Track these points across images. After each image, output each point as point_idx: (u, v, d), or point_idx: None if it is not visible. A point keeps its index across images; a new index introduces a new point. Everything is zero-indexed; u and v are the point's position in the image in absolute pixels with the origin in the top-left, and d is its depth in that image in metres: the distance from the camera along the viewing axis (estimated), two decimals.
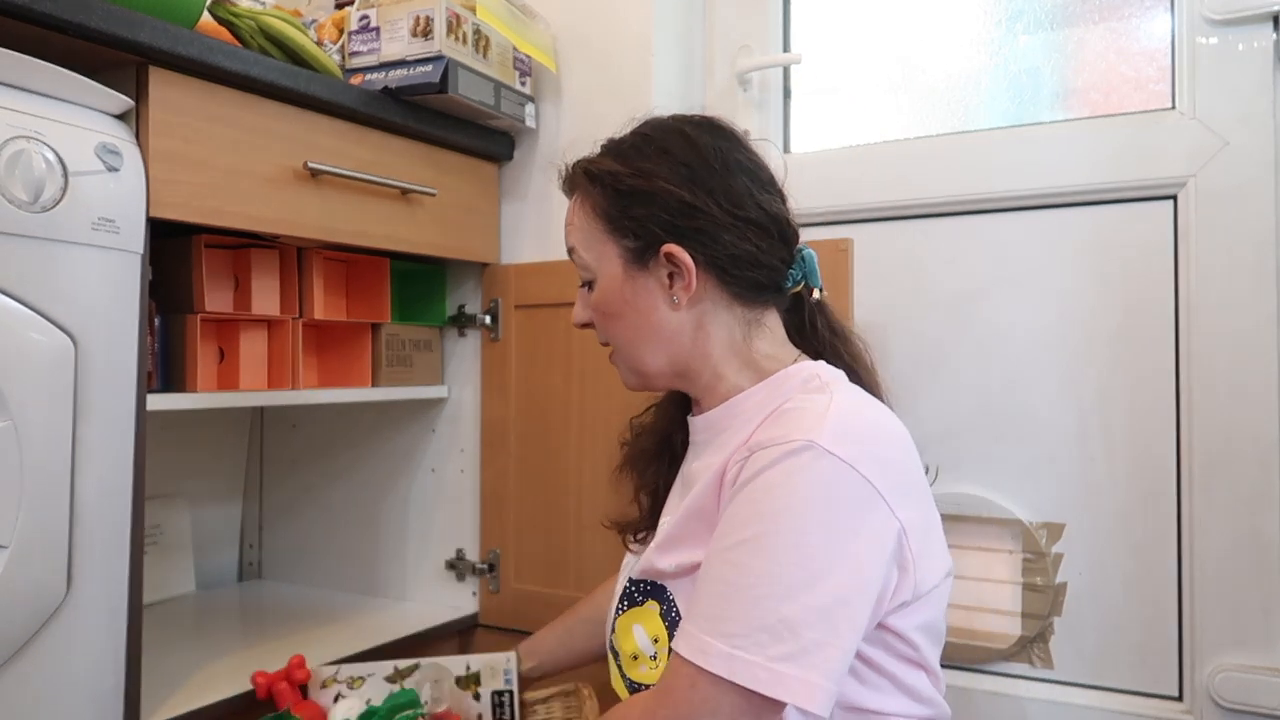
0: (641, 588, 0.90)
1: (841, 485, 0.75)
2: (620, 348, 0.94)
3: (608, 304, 0.92)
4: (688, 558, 0.84)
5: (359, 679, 1.10)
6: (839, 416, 0.79)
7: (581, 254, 0.93)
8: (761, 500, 0.76)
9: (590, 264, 0.92)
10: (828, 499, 0.75)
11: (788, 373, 0.89)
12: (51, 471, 0.89)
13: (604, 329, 0.94)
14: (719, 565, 0.77)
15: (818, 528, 0.74)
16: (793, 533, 0.74)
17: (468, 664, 1.11)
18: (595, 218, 0.91)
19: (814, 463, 0.75)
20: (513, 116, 1.40)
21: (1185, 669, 1.18)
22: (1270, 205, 1.14)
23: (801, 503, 0.75)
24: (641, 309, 0.90)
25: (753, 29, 1.51)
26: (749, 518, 0.76)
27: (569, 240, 0.94)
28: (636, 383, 0.96)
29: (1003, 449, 1.29)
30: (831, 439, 0.76)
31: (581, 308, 0.96)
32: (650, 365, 0.92)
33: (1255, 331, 1.15)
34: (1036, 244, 1.28)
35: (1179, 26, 1.21)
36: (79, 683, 0.93)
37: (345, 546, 1.65)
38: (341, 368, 1.41)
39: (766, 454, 0.77)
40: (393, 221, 1.31)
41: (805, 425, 0.78)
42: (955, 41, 1.40)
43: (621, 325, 0.92)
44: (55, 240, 0.88)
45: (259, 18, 1.16)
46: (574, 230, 0.93)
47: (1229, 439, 1.16)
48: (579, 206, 0.93)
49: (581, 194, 0.93)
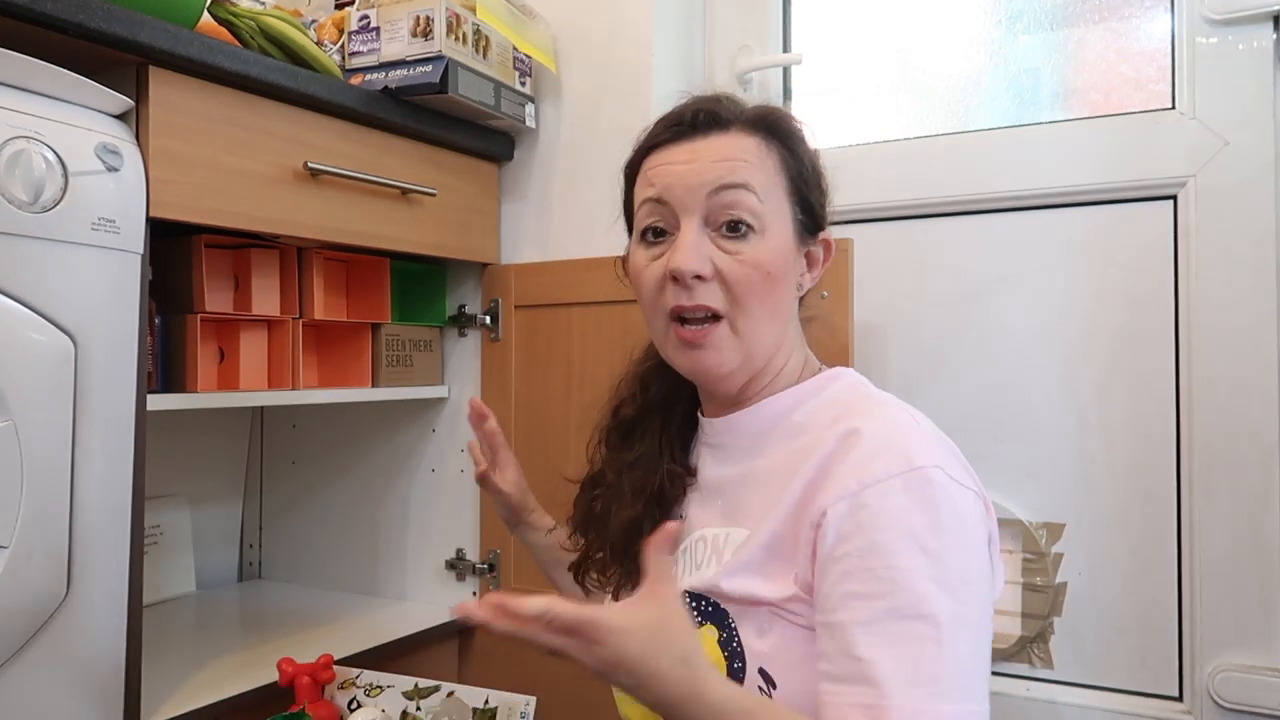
0: (701, 605, 0.81)
1: (968, 504, 0.72)
2: (754, 315, 0.81)
3: (774, 263, 0.81)
4: (755, 590, 0.77)
5: (378, 688, 1.10)
6: (930, 432, 0.76)
7: (758, 196, 0.81)
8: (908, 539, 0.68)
9: (764, 212, 0.81)
10: (963, 522, 0.71)
11: (832, 375, 0.86)
12: (51, 471, 0.89)
13: (748, 290, 0.80)
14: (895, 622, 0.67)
15: (969, 553, 0.70)
16: (958, 564, 0.69)
17: (486, 698, 1.09)
18: (781, 173, 0.83)
19: (945, 488, 0.71)
20: (513, 116, 1.40)
21: (1185, 669, 1.18)
22: (1270, 205, 1.14)
23: (954, 533, 0.69)
24: (791, 284, 0.84)
25: (753, 29, 1.51)
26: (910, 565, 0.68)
27: (739, 175, 0.80)
28: (734, 368, 0.82)
29: (1003, 449, 1.29)
30: (942, 458, 0.73)
31: (703, 256, 0.80)
32: (767, 347, 0.83)
33: (1255, 331, 1.15)
34: (1036, 244, 1.28)
35: (1179, 26, 1.21)
36: (79, 683, 0.93)
37: (345, 546, 1.65)
38: (341, 368, 1.41)
39: (886, 487, 0.70)
40: (393, 221, 1.31)
41: (908, 447, 0.73)
42: (955, 41, 1.40)
43: (772, 292, 0.81)
44: (55, 240, 0.88)
45: (259, 18, 1.16)
46: (749, 169, 0.81)
47: (1229, 439, 1.16)
48: (758, 149, 0.83)
49: (762, 139, 0.83)
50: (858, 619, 0.68)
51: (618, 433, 0.97)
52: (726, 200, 0.80)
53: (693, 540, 0.87)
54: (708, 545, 0.85)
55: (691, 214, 0.81)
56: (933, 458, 0.72)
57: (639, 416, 0.96)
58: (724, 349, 0.81)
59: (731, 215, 0.80)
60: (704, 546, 0.85)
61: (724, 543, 0.83)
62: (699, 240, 0.80)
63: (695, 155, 0.82)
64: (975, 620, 0.69)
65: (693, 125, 0.84)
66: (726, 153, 0.82)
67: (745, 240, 0.80)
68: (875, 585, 0.68)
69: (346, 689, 1.10)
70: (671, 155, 0.84)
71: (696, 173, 0.81)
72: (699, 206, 0.81)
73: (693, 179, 0.81)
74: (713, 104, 0.85)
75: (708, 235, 0.81)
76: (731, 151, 0.82)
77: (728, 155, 0.82)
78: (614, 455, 0.96)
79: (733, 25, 1.51)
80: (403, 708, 1.08)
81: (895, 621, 0.67)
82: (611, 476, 0.95)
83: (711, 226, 0.81)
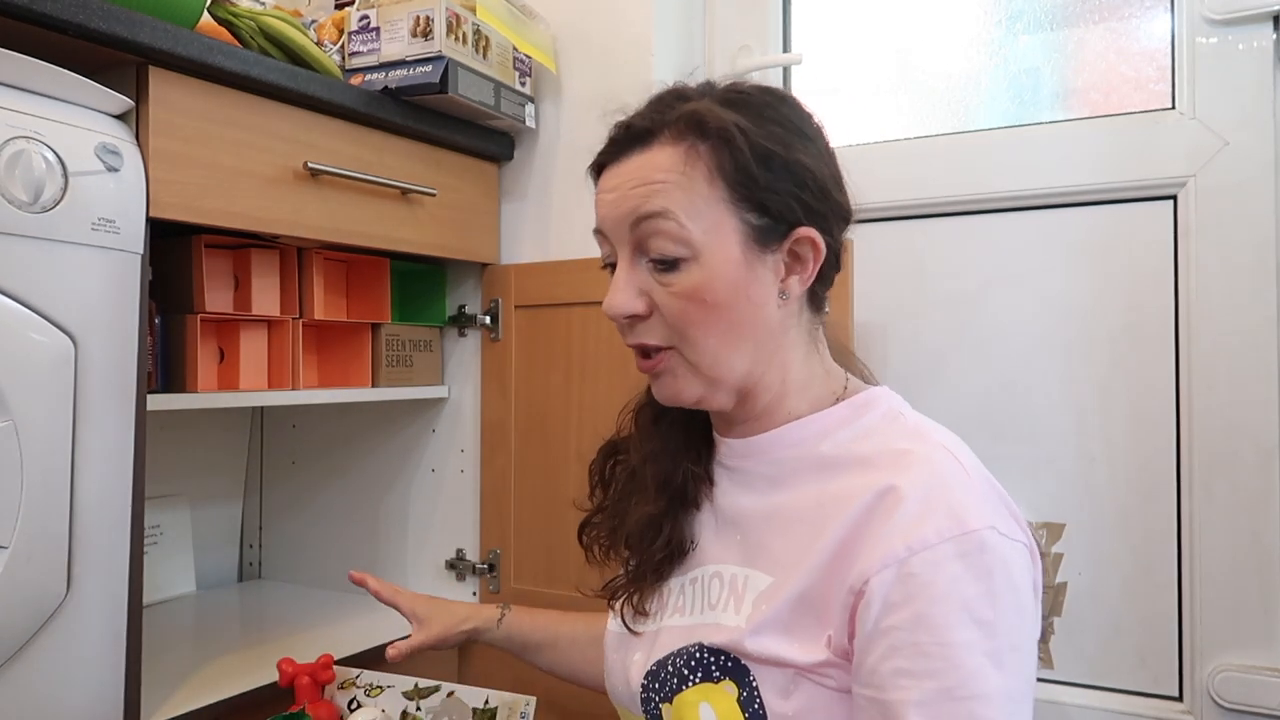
0: (720, 661, 0.76)
1: (1020, 563, 0.68)
2: (701, 348, 0.75)
3: (712, 290, 0.73)
4: (781, 652, 0.72)
5: (378, 688, 1.09)
6: (979, 480, 0.71)
7: (680, 222, 0.73)
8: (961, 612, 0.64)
9: (692, 237, 0.73)
10: (1016, 586, 0.67)
11: (864, 401, 0.79)
12: (51, 471, 0.89)
13: (688, 323, 0.75)
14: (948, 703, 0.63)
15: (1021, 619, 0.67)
16: (1011, 633, 0.65)
17: (486, 698, 1.09)
18: (713, 181, 0.73)
19: (998, 551, 0.66)
20: (513, 116, 1.40)
21: (1185, 669, 1.18)
22: (1270, 205, 1.14)
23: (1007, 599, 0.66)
24: (753, 300, 0.75)
25: (753, 29, 1.51)
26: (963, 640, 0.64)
27: (653, 202, 0.74)
28: (700, 395, 0.78)
29: (1003, 449, 1.29)
30: (994, 514, 0.68)
31: (633, 294, 0.75)
32: (732, 373, 0.76)
33: (1255, 331, 1.15)
34: (1036, 244, 1.28)
35: (1179, 26, 1.21)
36: (79, 683, 0.93)
37: (345, 546, 1.65)
38: (341, 368, 1.41)
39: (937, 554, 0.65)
40: (393, 221, 1.31)
41: (959, 506, 0.67)
42: (955, 41, 1.40)
43: (720, 319, 0.74)
44: (55, 240, 0.88)
45: (259, 18, 1.16)
46: (667, 190, 0.73)
47: (1229, 439, 1.16)
48: (682, 161, 0.74)
49: (690, 145, 0.74)
50: (909, 699, 0.64)
51: (650, 411, 0.91)
52: (647, 231, 0.74)
53: (705, 574, 0.81)
54: (724, 585, 0.79)
55: (624, 246, 0.77)
56: (985, 517, 0.67)
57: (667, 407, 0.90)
58: (679, 376, 0.77)
59: (655, 249, 0.74)
60: (719, 585, 0.79)
61: (743, 586, 0.77)
62: (631, 277, 0.76)
63: (619, 182, 0.77)
64: (1023, 689, 0.66)
65: (616, 145, 0.78)
66: (642, 175, 0.75)
67: (677, 271, 0.74)
68: (926, 663, 0.64)
69: (346, 689, 1.10)
70: (604, 182, 0.79)
71: (617, 204, 0.76)
72: (627, 239, 0.76)
73: (616, 211, 0.76)
74: (635, 117, 0.79)
75: (645, 266, 0.76)
76: (647, 172, 0.75)
77: (643, 178, 0.75)
78: (642, 435, 0.90)
79: (733, 25, 1.51)
80: (403, 708, 1.08)
81: (948, 703, 0.63)
82: (635, 457, 0.90)
83: (644, 258, 0.76)
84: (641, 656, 0.84)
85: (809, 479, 0.76)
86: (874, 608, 0.66)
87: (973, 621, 0.64)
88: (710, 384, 0.77)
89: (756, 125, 0.75)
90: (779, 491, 0.78)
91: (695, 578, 0.83)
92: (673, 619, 0.83)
